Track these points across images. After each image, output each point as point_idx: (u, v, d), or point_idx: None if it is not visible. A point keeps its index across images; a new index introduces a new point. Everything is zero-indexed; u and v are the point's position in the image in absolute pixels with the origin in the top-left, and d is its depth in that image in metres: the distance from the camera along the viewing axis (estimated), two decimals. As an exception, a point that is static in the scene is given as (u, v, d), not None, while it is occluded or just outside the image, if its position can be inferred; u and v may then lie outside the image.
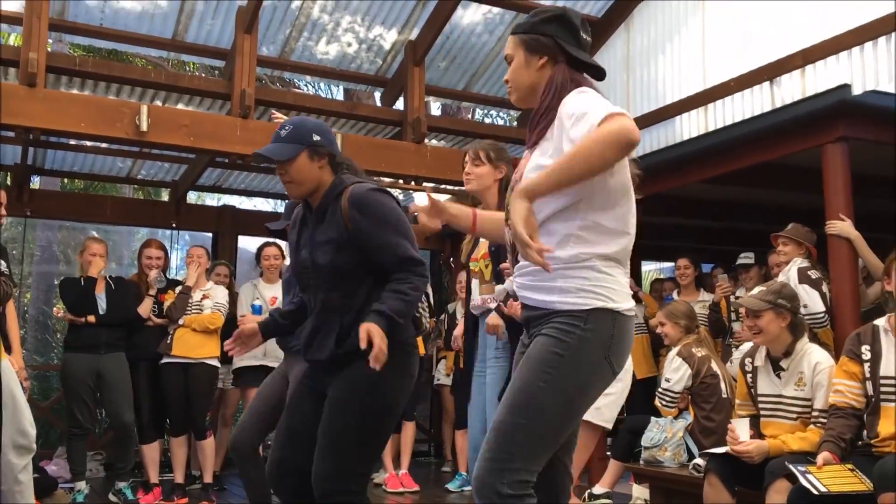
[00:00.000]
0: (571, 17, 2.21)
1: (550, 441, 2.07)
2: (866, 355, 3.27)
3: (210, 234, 8.46)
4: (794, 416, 3.54)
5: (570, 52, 2.17)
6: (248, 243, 8.65)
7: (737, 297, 5.87)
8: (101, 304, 5.50)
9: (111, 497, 5.43)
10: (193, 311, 5.61)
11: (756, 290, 3.84)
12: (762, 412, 3.70)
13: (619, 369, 2.11)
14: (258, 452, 3.85)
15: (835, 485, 3.06)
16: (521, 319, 2.26)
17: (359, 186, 2.59)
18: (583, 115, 1.98)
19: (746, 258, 5.96)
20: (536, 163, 2.12)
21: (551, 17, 2.20)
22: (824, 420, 3.42)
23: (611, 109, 1.95)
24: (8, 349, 4.03)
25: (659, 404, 4.48)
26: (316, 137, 2.64)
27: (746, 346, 4.17)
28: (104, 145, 7.24)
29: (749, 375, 3.77)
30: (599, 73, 2.21)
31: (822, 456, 3.18)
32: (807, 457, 3.30)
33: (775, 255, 5.08)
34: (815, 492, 3.00)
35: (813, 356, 3.56)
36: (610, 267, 2.06)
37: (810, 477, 3.07)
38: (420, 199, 2.22)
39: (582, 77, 2.17)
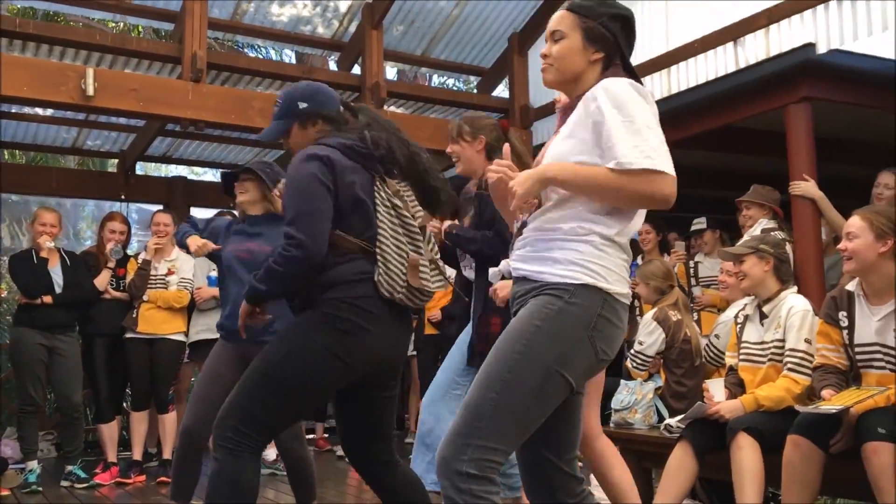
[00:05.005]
0: (633, 23, 2.15)
1: (523, 419, 1.93)
2: (844, 322, 3.25)
3: (160, 207, 8.21)
4: (766, 359, 3.54)
5: (626, 57, 2.12)
6: (201, 215, 8.45)
7: (696, 263, 5.89)
8: (58, 281, 5.25)
9: (63, 483, 5.22)
10: (158, 287, 5.43)
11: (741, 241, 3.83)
12: (741, 359, 3.68)
13: (605, 355, 2.00)
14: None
15: (842, 400, 2.98)
16: (510, 297, 2.14)
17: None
18: (631, 125, 1.93)
19: (699, 223, 5.96)
20: (557, 150, 2.07)
21: (619, 16, 2.11)
22: (794, 361, 3.40)
23: (655, 161, 1.90)
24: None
25: (630, 366, 4.45)
26: (302, 105, 2.62)
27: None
28: (49, 112, 6.94)
29: (739, 326, 3.76)
30: (640, 84, 2.13)
31: (826, 391, 3.13)
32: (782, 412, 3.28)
33: (742, 218, 5.09)
34: (834, 410, 2.92)
35: (790, 300, 3.56)
36: (607, 246, 2.00)
37: (822, 407, 2.98)
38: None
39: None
